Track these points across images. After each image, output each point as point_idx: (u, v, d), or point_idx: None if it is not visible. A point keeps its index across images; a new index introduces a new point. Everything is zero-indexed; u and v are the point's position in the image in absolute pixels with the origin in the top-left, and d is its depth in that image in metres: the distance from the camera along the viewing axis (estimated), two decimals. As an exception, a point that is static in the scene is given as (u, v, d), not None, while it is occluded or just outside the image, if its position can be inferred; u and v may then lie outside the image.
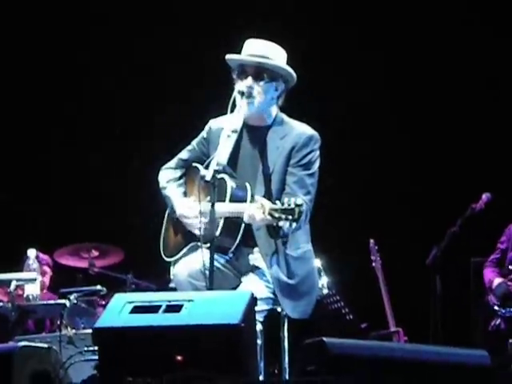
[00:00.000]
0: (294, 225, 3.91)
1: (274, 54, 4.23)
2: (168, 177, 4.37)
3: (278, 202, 3.92)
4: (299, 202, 3.87)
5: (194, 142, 4.40)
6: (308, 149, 4.19)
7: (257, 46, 4.23)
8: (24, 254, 5.64)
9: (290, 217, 3.85)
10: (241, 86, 4.16)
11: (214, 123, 4.36)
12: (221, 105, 4.19)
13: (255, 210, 3.95)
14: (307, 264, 4.21)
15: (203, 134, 4.37)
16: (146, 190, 4.81)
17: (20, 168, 7.15)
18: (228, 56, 4.23)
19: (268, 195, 4.11)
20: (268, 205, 3.91)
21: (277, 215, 3.87)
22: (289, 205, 3.86)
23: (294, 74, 4.26)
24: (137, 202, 6.79)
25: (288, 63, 4.25)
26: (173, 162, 4.42)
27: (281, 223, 3.89)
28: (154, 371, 3.49)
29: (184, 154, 4.41)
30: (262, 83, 4.17)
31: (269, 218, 3.90)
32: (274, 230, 4.02)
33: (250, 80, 4.16)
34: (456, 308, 6.14)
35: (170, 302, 3.62)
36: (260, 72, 4.17)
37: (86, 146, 7.21)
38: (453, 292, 6.01)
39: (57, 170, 7.21)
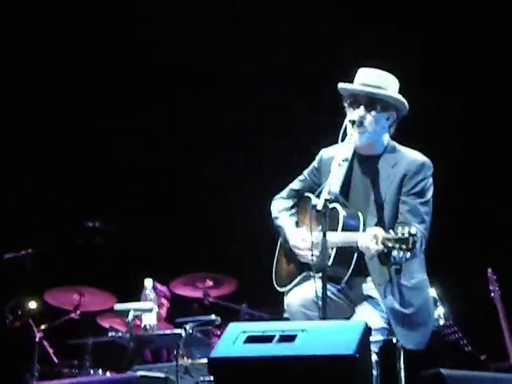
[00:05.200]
0: (409, 254, 3.85)
1: (386, 83, 4.21)
2: (280, 207, 4.41)
3: (391, 231, 3.87)
4: (413, 231, 3.81)
5: (306, 172, 4.42)
6: (420, 176, 4.14)
7: (369, 76, 4.22)
8: (141, 284, 5.75)
9: (404, 246, 3.80)
10: (352, 115, 4.15)
11: (325, 152, 4.37)
12: (332, 134, 4.19)
13: (368, 239, 3.91)
14: (422, 294, 4.14)
15: (314, 163, 4.39)
16: (259, 220, 4.84)
17: (136, 199, 7.33)
18: (341, 85, 4.23)
19: (380, 224, 4.07)
20: (381, 234, 3.87)
21: (390, 244, 3.83)
22: (402, 234, 3.81)
23: (407, 104, 4.22)
24: (250, 232, 6.84)
25: (400, 92, 4.23)
26: (284, 192, 4.45)
27: (395, 253, 3.85)
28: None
29: (295, 184, 4.43)
30: (373, 113, 4.16)
31: (382, 247, 3.86)
32: (385, 258, 3.97)
33: (362, 110, 4.15)
34: None
35: (283, 331, 3.60)
36: (372, 102, 4.16)
37: (201, 175, 7.34)
38: None
39: (173, 202, 7.35)
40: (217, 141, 7.31)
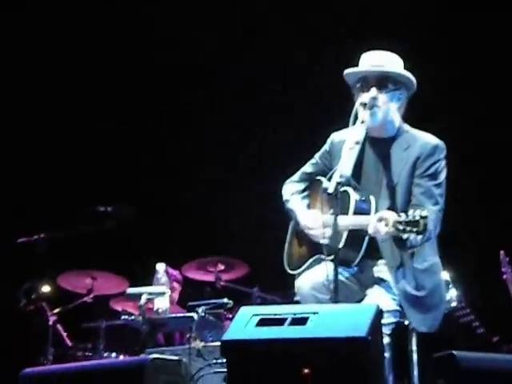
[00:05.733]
0: (420, 237, 3.84)
1: (393, 61, 4.21)
2: (291, 190, 4.40)
3: (402, 214, 3.86)
4: (424, 213, 3.80)
5: (317, 156, 4.41)
6: (434, 158, 4.12)
7: (375, 56, 4.21)
8: (153, 268, 5.77)
9: (415, 229, 3.79)
10: (364, 97, 4.14)
11: (336, 136, 4.36)
12: (342, 119, 4.18)
13: (379, 222, 3.91)
14: (435, 277, 4.13)
15: (326, 146, 4.38)
16: (271, 203, 4.85)
17: (146, 183, 7.34)
18: (349, 70, 4.22)
19: (393, 208, 4.06)
20: (392, 217, 3.86)
21: (401, 227, 3.82)
22: (414, 217, 3.80)
23: (415, 81, 4.20)
24: (262, 215, 6.84)
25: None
26: (296, 176, 4.45)
27: (405, 236, 3.84)
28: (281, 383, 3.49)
29: (307, 168, 4.42)
30: (385, 92, 4.15)
31: (393, 230, 3.85)
32: (400, 243, 3.97)
33: (374, 90, 4.14)
34: None
35: (295, 314, 3.61)
36: (383, 81, 4.16)
37: (213, 159, 7.33)
38: None
39: (181, 185, 7.36)
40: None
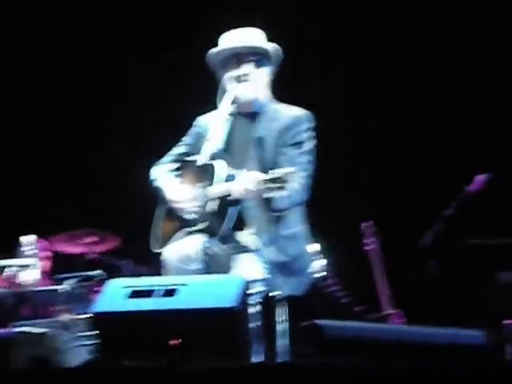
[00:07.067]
0: (285, 197, 3.90)
1: (260, 36, 4.26)
2: (160, 170, 4.38)
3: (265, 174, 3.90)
4: (285, 170, 3.85)
5: (185, 138, 4.41)
6: (298, 128, 4.19)
7: (240, 33, 4.24)
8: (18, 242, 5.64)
9: (278, 184, 3.83)
10: (235, 72, 4.16)
11: (202, 119, 4.38)
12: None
13: (244, 183, 3.95)
14: (299, 244, 4.22)
15: (193, 128, 4.39)
16: (144, 177, 4.81)
17: (20, 150, 7.13)
18: (218, 48, 4.22)
19: (261, 178, 4.11)
20: (255, 176, 3.91)
21: (264, 186, 3.86)
22: (275, 174, 3.85)
23: (282, 55, 4.26)
24: (135, 188, 6.78)
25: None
26: (165, 158, 4.43)
27: (268, 193, 3.87)
28: (151, 355, 3.50)
29: (177, 149, 4.42)
30: (259, 67, 4.20)
31: (257, 189, 3.89)
32: (266, 204, 4.01)
33: (249, 66, 4.17)
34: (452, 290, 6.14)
35: (165, 286, 3.63)
36: (254, 56, 4.19)
37: (84, 132, 7.20)
38: (450, 274, 6.01)
39: (57, 156, 7.19)
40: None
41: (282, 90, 4.33)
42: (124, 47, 7.02)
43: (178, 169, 4.37)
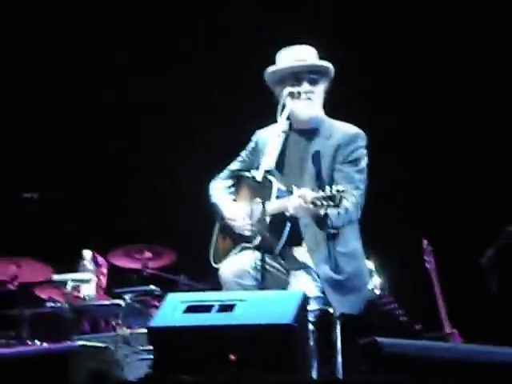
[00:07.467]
0: (340, 215, 3.90)
1: (315, 54, 4.30)
2: (216, 186, 4.43)
3: (320, 191, 3.92)
4: (340, 188, 3.87)
5: (243, 153, 4.46)
6: (354, 145, 4.22)
7: (297, 52, 4.29)
8: (78, 255, 5.71)
9: (332, 202, 3.85)
10: (294, 89, 4.21)
11: (261, 133, 4.42)
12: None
13: (297, 200, 3.96)
14: (355, 261, 4.21)
15: (251, 144, 4.44)
16: (201, 192, 4.85)
17: (75, 168, 7.24)
18: (280, 66, 4.26)
19: (316, 195, 4.11)
20: (309, 193, 3.93)
21: (318, 203, 3.88)
22: (330, 191, 3.86)
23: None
24: (190, 204, 6.83)
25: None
26: (222, 173, 4.48)
27: (322, 211, 3.89)
28: (208, 370, 3.51)
29: (233, 165, 4.47)
30: (318, 86, 4.24)
31: (311, 206, 3.90)
32: (320, 221, 4.01)
33: (306, 85, 4.21)
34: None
35: (222, 301, 3.64)
36: (314, 75, 4.24)
37: (144, 148, 7.28)
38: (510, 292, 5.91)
39: (112, 170, 7.29)
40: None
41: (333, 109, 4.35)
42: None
43: (233, 185, 4.41)
